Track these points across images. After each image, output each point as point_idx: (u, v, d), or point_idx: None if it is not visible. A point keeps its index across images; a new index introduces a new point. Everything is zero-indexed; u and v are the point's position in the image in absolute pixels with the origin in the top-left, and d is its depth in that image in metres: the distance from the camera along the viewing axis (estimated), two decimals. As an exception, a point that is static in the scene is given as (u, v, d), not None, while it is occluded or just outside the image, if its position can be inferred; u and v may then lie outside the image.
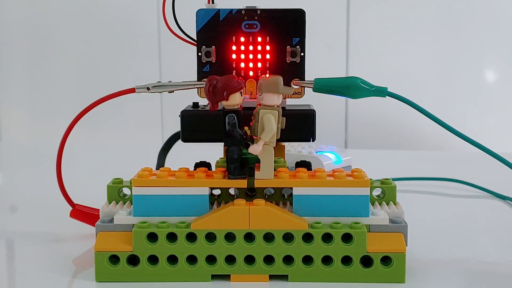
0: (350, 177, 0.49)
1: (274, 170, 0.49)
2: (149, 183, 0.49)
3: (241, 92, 0.48)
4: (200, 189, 0.48)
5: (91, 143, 1.18)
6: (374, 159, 0.95)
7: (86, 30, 1.23)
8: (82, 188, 0.63)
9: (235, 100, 0.48)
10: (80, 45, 1.24)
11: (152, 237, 0.47)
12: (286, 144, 0.57)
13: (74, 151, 0.80)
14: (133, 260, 0.48)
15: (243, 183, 0.49)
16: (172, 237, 0.47)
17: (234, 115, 0.48)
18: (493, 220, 0.68)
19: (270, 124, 0.47)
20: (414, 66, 1.18)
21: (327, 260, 0.47)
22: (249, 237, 0.47)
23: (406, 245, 0.48)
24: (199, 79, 0.54)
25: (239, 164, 0.49)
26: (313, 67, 0.58)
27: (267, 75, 0.54)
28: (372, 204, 0.52)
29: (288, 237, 0.47)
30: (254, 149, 0.47)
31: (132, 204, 0.50)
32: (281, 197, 0.54)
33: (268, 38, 0.54)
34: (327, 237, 0.47)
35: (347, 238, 0.47)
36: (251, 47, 0.54)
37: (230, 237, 0.47)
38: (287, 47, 0.54)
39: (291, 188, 0.52)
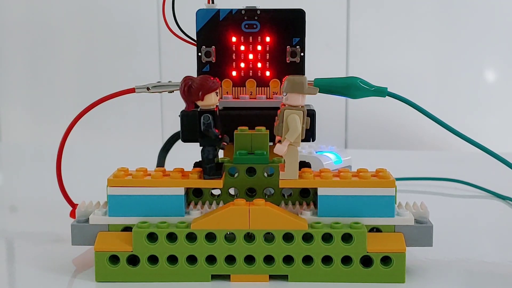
0: (375, 177, 0.49)
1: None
2: (124, 183, 0.49)
3: (216, 93, 0.48)
4: (175, 189, 0.48)
5: (91, 143, 1.18)
6: (374, 159, 0.95)
7: (86, 30, 1.23)
8: (82, 188, 0.63)
9: (211, 100, 0.47)
10: (80, 45, 1.24)
11: (152, 237, 0.47)
12: (286, 144, 0.57)
13: (74, 151, 0.80)
14: (133, 260, 0.48)
15: (218, 183, 0.49)
16: (172, 237, 0.47)
17: (209, 116, 0.48)
18: (493, 220, 0.68)
19: (295, 125, 0.46)
20: (414, 66, 1.18)
21: (327, 260, 0.47)
22: (249, 237, 0.47)
23: (432, 246, 0.48)
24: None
25: (215, 164, 0.49)
26: (313, 67, 0.58)
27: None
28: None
29: (288, 237, 0.47)
30: (279, 149, 0.47)
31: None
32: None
33: (268, 38, 0.54)
34: (327, 237, 0.47)
35: (347, 238, 0.47)
36: (251, 47, 0.54)
37: (230, 237, 0.47)
38: (287, 47, 0.54)
39: (291, 189, 0.52)
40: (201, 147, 0.49)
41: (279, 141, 0.47)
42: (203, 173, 0.49)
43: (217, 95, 0.48)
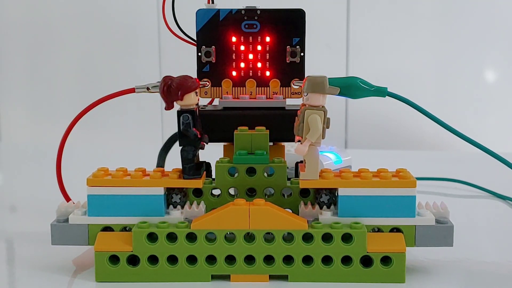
0: (396, 178, 0.49)
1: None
2: (104, 183, 0.49)
3: (196, 92, 0.48)
4: (154, 189, 0.49)
5: (91, 143, 1.18)
6: (374, 159, 0.95)
7: (86, 30, 1.23)
8: (82, 188, 0.63)
9: (190, 100, 0.48)
10: (80, 45, 1.24)
11: (152, 237, 0.47)
12: (286, 144, 0.57)
13: (74, 151, 0.80)
14: (133, 260, 0.48)
15: (198, 183, 0.49)
16: (172, 237, 0.47)
17: (188, 115, 0.48)
18: (493, 220, 0.68)
19: (316, 125, 0.46)
20: (414, 66, 1.18)
21: (327, 260, 0.47)
22: (249, 237, 0.47)
23: (452, 245, 0.48)
24: (199, 79, 0.54)
25: (194, 164, 0.49)
26: (313, 67, 0.58)
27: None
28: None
29: (288, 237, 0.47)
30: (300, 150, 0.47)
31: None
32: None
33: (268, 38, 0.54)
34: (327, 237, 0.47)
35: (347, 238, 0.47)
36: (251, 47, 0.54)
37: (230, 237, 0.47)
38: (287, 47, 0.54)
39: (290, 188, 0.52)
40: (181, 147, 0.49)
41: (299, 141, 0.47)
42: (182, 173, 0.49)
43: (197, 95, 0.48)
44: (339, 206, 0.48)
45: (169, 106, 0.48)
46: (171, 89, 0.47)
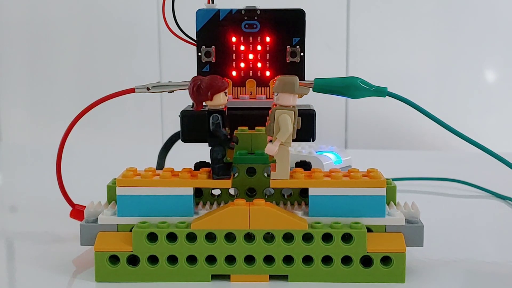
0: (366, 177, 0.49)
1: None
2: (133, 183, 0.49)
3: (225, 92, 0.48)
4: (184, 189, 0.48)
5: (91, 143, 1.18)
6: (374, 159, 0.95)
7: (86, 30, 1.23)
8: (82, 188, 0.63)
9: (219, 100, 0.48)
10: (80, 45, 1.24)
11: (152, 237, 0.47)
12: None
13: (74, 151, 0.80)
14: (133, 260, 0.48)
15: (227, 183, 0.49)
16: (172, 237, 0.47)
17: (218, 115, 0.48)
18: (493, 220, 0.68)
19: (286, 125, 0.47)
20: (414, 66, 1.18)
21: (327, 260, 0.47)
22: (249, 237, 0.47)
23: (423, 246, 0.48)
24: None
25: (224, 164, 0.49)
26: (313, 67, 0.58)
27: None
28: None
29: (288, 237, 0.47)
30: (270, 149, 0.47)
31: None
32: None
33: (268, 38, 0.54)
34: (327, 237, 0.47)
35: (347, 238, 0.47)
36: (251, 47, 0.54)
37: (230, 237, 0.47)
38: (287, 47, 0.54)
39: (291, 188, 0.52)
40: (210, 147, 0.49)
41: (270, 141, 0.47)
42: (211, 173, 0.49)
43: (226, 95, 0.48)
44: (310, 206, 0.48)
45: (198, 106, 0.48)
46: (201, 89, 0.47)
